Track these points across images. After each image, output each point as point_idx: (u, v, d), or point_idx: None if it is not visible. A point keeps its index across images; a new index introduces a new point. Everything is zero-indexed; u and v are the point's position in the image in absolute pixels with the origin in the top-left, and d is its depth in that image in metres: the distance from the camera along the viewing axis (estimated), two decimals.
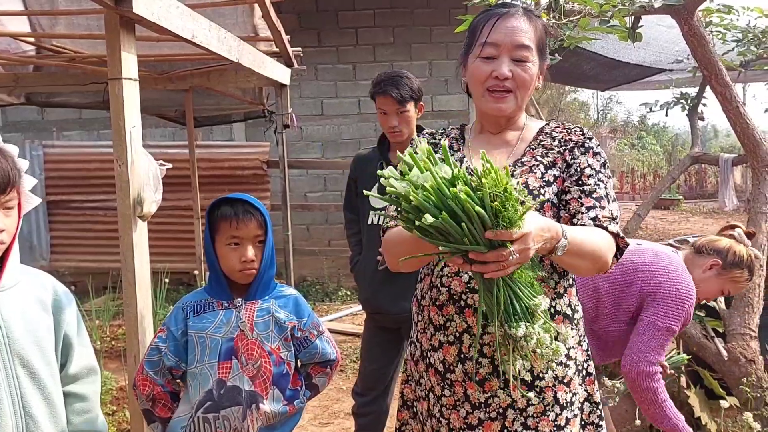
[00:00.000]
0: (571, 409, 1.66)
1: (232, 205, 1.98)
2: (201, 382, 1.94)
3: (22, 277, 1.58)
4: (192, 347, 1.95)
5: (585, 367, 1.72)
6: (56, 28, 4.01)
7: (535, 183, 1.64)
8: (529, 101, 1.84)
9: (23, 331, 1.52)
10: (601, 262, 1.57)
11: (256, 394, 1.95)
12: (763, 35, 5.03)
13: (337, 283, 7.70)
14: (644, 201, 6.10)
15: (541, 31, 1.69)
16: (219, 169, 7.12)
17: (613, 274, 2.51)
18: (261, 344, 1.97)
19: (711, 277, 2.62)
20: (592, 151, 1.69)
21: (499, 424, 1.62)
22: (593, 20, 3.06)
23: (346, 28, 7.86)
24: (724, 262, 2.62)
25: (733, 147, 19.20)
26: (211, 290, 2.02)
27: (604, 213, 1.60)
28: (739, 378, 3.23)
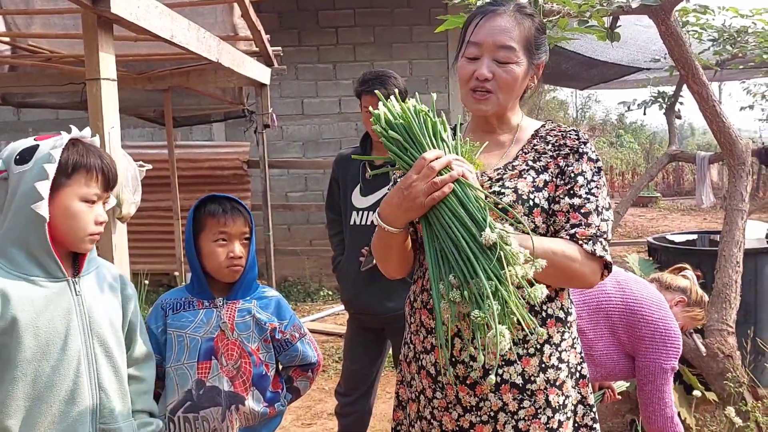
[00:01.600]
0: (563, 412, 1.64)
1: (219, 202, 1.99)
2: (179, 381, 1.93)
3: (98, 265, 1.73)
4: (170, 345, 1.95)
5: (578, 369, 1.70)
6: (32, 27, 3.95)
7: (525, 188, 1.61)
8: None
9: (101, 313, 1.67)
10: (569, 273, 1.55)
11: (236, 395, 1.94)
12: (738, 35, 5.09)
13: (318, 283, 7.69)
14: (623, 199, 6.16)
15: (530, 30, 1.63)
16: (199, 170, 7.08)
17: (616, 297, 2.58)
18: (241, 345, 1.97)
19: (677, 313, 2.74)
20: (587, 157, 1.64)
21: (491, 427, 1.61)
22: (572, 20, 3.08)
23: (326, 28, 7.85)
24: (689, 299, 2.80)
25: (710, 145, 19.43)
26: (192, 289, 2.02)
27: (587, 231, 1.57)
28: (717, 373, 3.27)
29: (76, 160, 1.59)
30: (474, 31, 1.63)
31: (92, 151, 1.64)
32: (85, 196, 1.60)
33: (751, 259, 3.85)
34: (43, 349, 1.54)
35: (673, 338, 2.52)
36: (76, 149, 1.61)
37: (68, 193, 1.58)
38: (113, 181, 1.67)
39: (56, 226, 1.57)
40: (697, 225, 12.05)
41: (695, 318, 2.84)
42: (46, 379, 1.54)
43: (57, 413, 1.55)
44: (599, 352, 2.59)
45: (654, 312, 2.54)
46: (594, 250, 1.56)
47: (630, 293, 2.58)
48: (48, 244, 1.55)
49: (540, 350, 1.61)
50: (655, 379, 2.51)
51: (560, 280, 1.60)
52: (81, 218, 1.60)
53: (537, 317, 1.61)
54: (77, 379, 1.59)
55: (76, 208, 1.59)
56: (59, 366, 1.56)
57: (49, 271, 1.57)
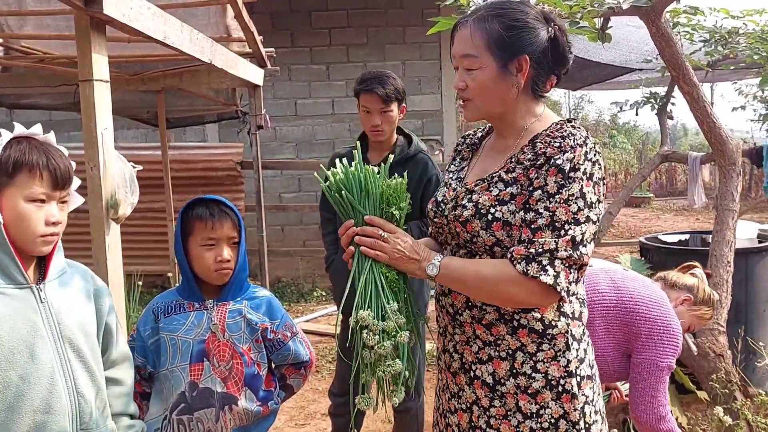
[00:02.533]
0: (537, 421, 1.64)
1: (206, 205, 1.98)
2: (173, 384, 1.93)
3: (66, 269, 1.68)
4: (164, 349, 1.95)
5: (562, 384, 1.65)
6: (25, 28, 3.94)
7: (487, 202, 1.61)
8: None
9: (72, 319, 1.63)
10: (502, 297, 1.59)
11: (229, 396, 1.95)
12: (729, 35, 5.12)
13: (312, 284, 7.69)
14: (616, 199, 6.18)
15: (493, 30, 1.61)
16: (192, 171, 7.07)
17: (611, 297, 2.55)
18: (233, 345, 1.98)
19: (682, 312, 2.70)
20: (556, 168, 1.54)
21: (468, 416, 1.72)
22: (563, 21, 3.09)
23: (319, 29, 7.86)
24: (696, 297, 2.74)
25: (702, 145, 19.50)
26: (182, 292, 2.02)
27: (525, 249, 1.53)
28: (708, 372, 3.29)
29: (17, 158, 1.53)
30: (452, 46, 1.71)
31: (38, 148, 1.57)
32: (30, 196, 1.53)
33: (741, 258, 3.88)
34: (7, 357, 1.49)
35: (671, 336, 2.48)
36: (19, 147, 1.55)
37: (12, 193, 1.52)
38: (63, 179, 1.59)
39: (6, 229, 1.52)
40: (690, 225, 12.10)
41: (702, 317, 2.78)
42: (15, 389, 1.50)
43: (33, 423, 1.51)
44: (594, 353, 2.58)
45: (652, 309, 2.51)
46: (527, 270, 1.51)
47: (625, 291, 2.56)
48: (8, 247, 1.51)
49: (512, 356, 1.65)
50: (649, 376, 2.46)
51: (498, 303, 1.63)
52: (29, 219, 1.53)
53: (507, 325, 1.65)
54: (52, 387, 1.55)
55: (22, 209, 1.53)
56: (29, 375, 1.51)
57: (10, 277, 1.52)
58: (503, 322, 1.64)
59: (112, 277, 2.35)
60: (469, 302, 1.68)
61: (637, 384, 2.50)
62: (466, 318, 1.70)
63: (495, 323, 1.65)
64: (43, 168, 1.55)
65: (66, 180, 1.60)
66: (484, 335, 1.66)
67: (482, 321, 1.67)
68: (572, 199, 1.53)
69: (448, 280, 1.64)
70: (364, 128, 3.01)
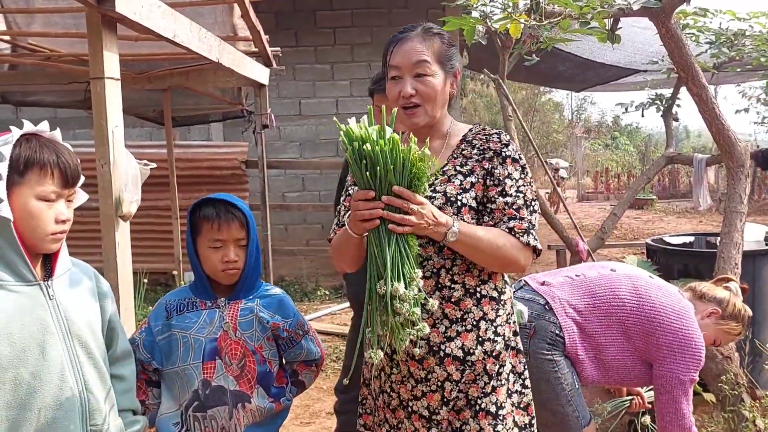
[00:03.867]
0: (498, 379, 1.87)
1: (214, 206, 1.96)
2: (187, 382, 1.93)
3: (71, 266, 1.68)
4: (176, 346, 1.95)
5: (512, 342, 1.93)
6: (32, 26, 3.95)
7: (453, 191, 1.83)
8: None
9: (79, 315, 1.63)
10: (505, 260, 1.80)
11: (242, 394, 1.95)
12: (735, 37, 5.11)
13: (315, 283, 7.69)
14: (619, 200, 6.18)
15: (439, 46, 1.86)
16: (197, 169, 7.07)
17: (631, 303, 2.52)
18: (245, 344, 1.97)
19: (708, 325, 2.62)
20: (510, 159, 1.86)
21: (440, 395, 1.84)
22: (573, 22, 3.09)
23: (323, 28, 7.85)
24: (724, 312, 2.64)
25: (704, 147, 19.52)
26: (195, 289, 2.02)
27: (521, 224, 1.81)
28: (715, 374, 3.28)
29: (28, 156, 1.51)
30: (391, 57, 1.87)
31: (47, 146, 1.55)
32: (41, 194, 1.52)
33: (749, 261, 3.87)
34: (19, 355, 1.48)
35: (693, 349, 2.44)
36: (29, 145, 1.53)
37: (23, 191, 1.51)
38: (73, 177, 1.58)
39: (16, 227, 1.50)
40: (693, 227, 12.08)
41: (730, 332, 2.66)
42: (26, 386, 1.50)
43: (44, 419, 1.51)
44: (611, 357, 2.53)
45: (673, 321, 2.47)
46: (528, 240, 1.81)
47: (647, 299, 2.51)
48: (18, 246, 1.49)
49: (476, 326, 1.84)
50: (672, 389, 2.44)
51: (500, 267, 1.85)
52: (39, 217, 1.52)
53: (472, 297, 1.84)
54: (62, 384, 1.55)
55: (34, 207, 1.52)
56: (40, 372, 1.51)
57: (18, 274, 1.52)
58: (469, 295, 1.84)
59: (121, 274, 2.36)
60: (438, 284, 1.82)
61: (660, 397, 2.48)
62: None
63: (462, 298, 1.83)
64: (54, 166, 1.54)
65: (75, 178, 1.59)
66: (453, 312, 1.83)
67: (451, 299, 1.83)
68: (528, 183, 1.87)
69: (462, 245, 1.76)
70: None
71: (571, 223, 5.49)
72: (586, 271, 2.70)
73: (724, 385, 3.18)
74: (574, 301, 2.56)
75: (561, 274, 2.72)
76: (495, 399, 1.85)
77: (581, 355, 2.51)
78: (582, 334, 2.52)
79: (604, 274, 2.65)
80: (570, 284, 2.62)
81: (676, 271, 4.23)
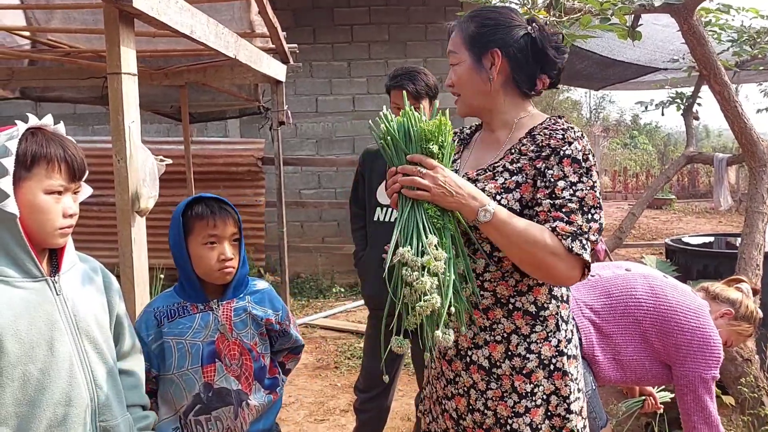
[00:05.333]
0: (532, 400, 1.72)
1: (205, 204, 1.94)
2: (185, 387, 1.91)
3: (77, 261, 1.66)
4: (169, 353, 1.91)
5: (554, 362, 1.73)
6: (52, 22, 3.97)
7: (493, 190, 1.68)
8: None
9: (87, 311, 1.62)
10: (537, 261, 1.60)
11: (243, 392, 1.95)
12: (758, 35, 5.04)
13: (331, 280, 7.69)
14: (638, 200, 6.11)
15: (469, 28, 1.76)
16: (214, 166, 7.10)
17: (647, 303, 2.52)
18: (241, 343, 1.97)
19: (721, 325, 2.62)
20: (570, 159, 1.64)
21: (466, 401, 1.77)
22: (593, 18, 3.06)
23: (341, 25, 7.85)
24: (737, 312, 2.65)
25: (724, 147, 19.29)
26: (183, 293, 1.97)
27: (567, 227, 1.59)
28: (735, 377, 3.24)
29: (35, 150, 1.50)
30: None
31: (53, 140, 1.54)
32: (48, 188, 1.51)
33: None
34: (27, 352, 1.47)
35: (712, 347, 2.45)
36: (35, 139, 1.52)
37: (30, 186, 1.50)
38: (79, 170, 1.57)
39: (23, 222, 1.49)
40: (713, 228, 11.96)
41: (742, 333, 2.68)
42: (35, 382, 1.49)
43: (53, 416, 1.50)
44: (628, 357, 2.53)
45: (691, 320, 2.47)
46: (572, 246, 1.58)
47: (664, 299, 2.51)
48: (24, 241, 1.48)
49: (507, 339, 1.71)
50: (695, 389, 2.44)
51: (537, 271, 1.64)
52: (47, 212, 1.52)
53: (503, 308, 1.71)
54: (71, 380, 1.54)
55: (41, 202, 1.50)
56: (49, 368, 1.51)
57: (25, 270, 1.50)
58: (499, 306, 1.71)
59: (137, 270, 2.36)
60: None
61: (685, 397, 2.47)
62: None
63: (492, 307, 1.72)
64: (61, 160, 1.53)
65: (82, 171, 1.58)
66: (480, 320, 1.73)
67: (479, 306, 1.72)
68: (595, 186, 1.65)
69: (494, 230, 1.60)
70: None
71: None
72: (601, 271, 2.69)
73: (743, 387, 3.14)
74: (590, 302, 2.55)
75: None
76: (529, 420, 1.72)
77: (598, 356, 2.50)
78: (599, 335, 2.51)
79: (620, 274, 2.65)
80: (585, 285, 2.60)
81: (695, 272, 4.18)
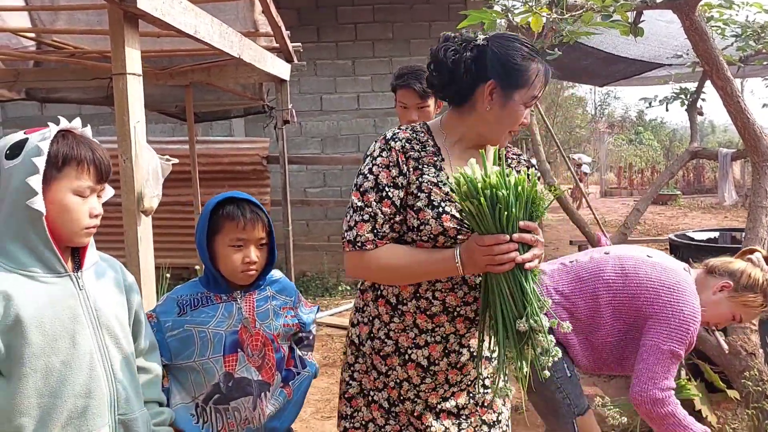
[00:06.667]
0: (499, 427, 1.93)
1: (238, 205, 1.94)
2: (206, 375, 1.92)
3: (97, 259, 1.70)
4: (191, 341, 1.92)
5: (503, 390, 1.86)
6: (57, 23, 4.00)
7: None
8: None
9: (107, 306, 1.66)
10: None
11: (265, 383, 1.96)
12: (762, 30, 5.02)
13: (336, 279, 7.72)
14: (643, 196, 6.11)
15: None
16: (219, 165, 7.12)
17: (616, 284, 2.48)
18: (264, 333, 1.98)
19: (721, 300, 2.49)
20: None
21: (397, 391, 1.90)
22: (595, 15, 3.06)
23: (345, 24, 7.86)
24: (736, 284, 2.48)
25: (730, 142, 19.23)
26: (207, 284, 1.99)
27: None
28: (739, 371, 3.24)
29: (66, 152, 1.55)
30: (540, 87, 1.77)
31: (83, 142, 1.59)
32: (77, 189, 1.56)
33: None
34: (50, 344, 1.52)
35: (679, 321, 2.34)
36: (66, 141, 1.57)
37: (60, 186, 1.54)
38: (107, 172, 1.62)
39: (50, 221, 1.53)
40: (718, 223, 11.94)
41: (749, 305, 2.47)
42: (57, 374, 1.53)
43: (73, 408, 1.54)
44: (601, 340, 2.51)
45: (662, 295, 2.39)
46: None
47: (634, 277, 2.46)
48: (48, 238, 1.52)
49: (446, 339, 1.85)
50: (648, 356, 2.34)
51: None
52: (75, 212, 1.56)
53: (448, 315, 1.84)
54: (92, 372, 1.58)
55: (69, 202, 1.55)
56: (71, 361, 1.54)
57: (49, 266, 1.55)
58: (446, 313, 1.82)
59: (143, 269, 2.38)
60: (417, 293, 1.81)
61: (637, 365, 2.38)
62: (410, 308, 1.84)
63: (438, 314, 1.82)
64: (90, 162, 1.58)
65: (108, 173, 1.63)
66: (424, 324, 1.83)
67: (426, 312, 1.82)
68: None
69: None
70: (401, 123, 3.00)
71: (594, 218, 5.44)
72: (580, 257, 2.69)
73: (747, 381, 3.14)
74: (560, 287, 2.56)
75: (557, 262, 2.73)
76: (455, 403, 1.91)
77: (572, 340, 2.52)
78: (570, 318, 2.50)
79: (596, 257, 2.61)
80: (561, 270, 2.62)
81: None
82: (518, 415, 3.91)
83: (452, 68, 1.77)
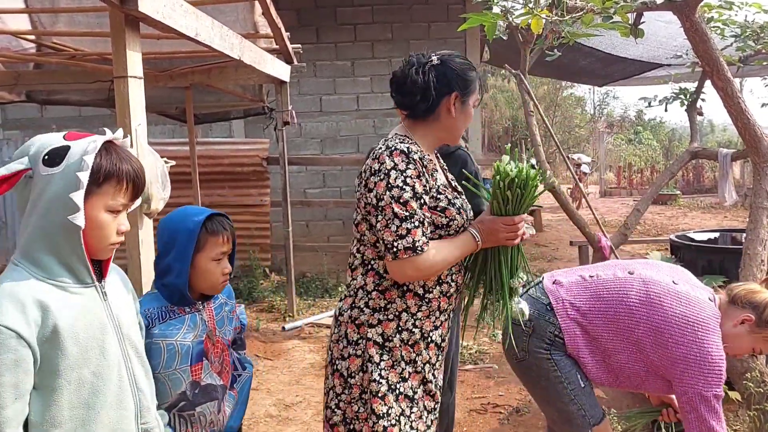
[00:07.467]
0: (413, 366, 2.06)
1: (216, 221, 1.98)
2: (171, 386, 1.94)
3: (112, 269, 1.71)
4: (157, 353, 1.93)
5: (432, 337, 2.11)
6: (57, 25, 4.00)
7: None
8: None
9: (127, 315, 1.67)
10: None
11: (225, 386, 2.03)
12: (761, 30, 5.03)
13: (336, 279, 7.71)
14: (642, 196, 6.11)
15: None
16: (219, 166, 7.12)
17: (640, 312, 2.34)
18: (222, 339, 2.04)
19: (742, 334, 2.34)
20: None
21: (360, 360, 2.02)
22: (595, 17, 3.06)
23: (344, 25, 7.87)
24: (759, 318, 2.31)
25: (729, 142, 19.24)
26: (171, 298, 1.99)
27: None
28: (741, 372, 3.24)
29: (109, 169, 1.51)
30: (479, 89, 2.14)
31: (124, 157, 1.56)
32: (111, 207, 1.53)
33: None
34: (83, 355, 1.50)
35: (711, 364, 2.22)
36: (109, 156, 1.52)
37: (96, 202, 1.51)
38: (141, 188, 1.60)
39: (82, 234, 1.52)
40: (718, 223, 11.93)
41: None
42: (89, 385, 1.51)
43: (106, 419, 1.53)
44: (621, 364, 2.39)
45: (687, 334, 2.26)
46: None
47: (659, 308, 2.31)
48: (83, 252, 1.49)
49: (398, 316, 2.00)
50: (697, 407, 2.23)
51: None
52: (105, 228, 1.54)
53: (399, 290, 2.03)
54: (120, 382, 1.58)
55: (102, 219, 1.53)
56: (101, 371, 1.53)
57: (78, 277, 1.53)
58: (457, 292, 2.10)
59: (145, 271, 2.39)
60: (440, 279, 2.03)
61: (687, 415, 2.28)
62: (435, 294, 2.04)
63: (454, 294, 2.09)
64: (130, 180, 1.55)
65: (142, 189, 1.61)
66: (444, 305, 2.06)
67: (446, 294, 2.05)
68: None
69: None
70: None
71: (594, 218, 5.44)
72: (602, 272, 2.53)
73: (749, 383, 3.15)
74: (578, 303, 2.42)
75: (576, 273, 2.57)
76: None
77: (585, 358, 2.41)
78: (586, 336, 2.40)
79: (619, 276, 2.46)
80: (580, 285, 2.48)
81: (700, 268, 4.19)
82: (519, 417, 3.91)
83: (425, 87, 2.02)
